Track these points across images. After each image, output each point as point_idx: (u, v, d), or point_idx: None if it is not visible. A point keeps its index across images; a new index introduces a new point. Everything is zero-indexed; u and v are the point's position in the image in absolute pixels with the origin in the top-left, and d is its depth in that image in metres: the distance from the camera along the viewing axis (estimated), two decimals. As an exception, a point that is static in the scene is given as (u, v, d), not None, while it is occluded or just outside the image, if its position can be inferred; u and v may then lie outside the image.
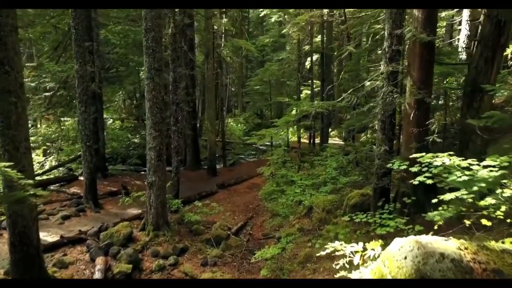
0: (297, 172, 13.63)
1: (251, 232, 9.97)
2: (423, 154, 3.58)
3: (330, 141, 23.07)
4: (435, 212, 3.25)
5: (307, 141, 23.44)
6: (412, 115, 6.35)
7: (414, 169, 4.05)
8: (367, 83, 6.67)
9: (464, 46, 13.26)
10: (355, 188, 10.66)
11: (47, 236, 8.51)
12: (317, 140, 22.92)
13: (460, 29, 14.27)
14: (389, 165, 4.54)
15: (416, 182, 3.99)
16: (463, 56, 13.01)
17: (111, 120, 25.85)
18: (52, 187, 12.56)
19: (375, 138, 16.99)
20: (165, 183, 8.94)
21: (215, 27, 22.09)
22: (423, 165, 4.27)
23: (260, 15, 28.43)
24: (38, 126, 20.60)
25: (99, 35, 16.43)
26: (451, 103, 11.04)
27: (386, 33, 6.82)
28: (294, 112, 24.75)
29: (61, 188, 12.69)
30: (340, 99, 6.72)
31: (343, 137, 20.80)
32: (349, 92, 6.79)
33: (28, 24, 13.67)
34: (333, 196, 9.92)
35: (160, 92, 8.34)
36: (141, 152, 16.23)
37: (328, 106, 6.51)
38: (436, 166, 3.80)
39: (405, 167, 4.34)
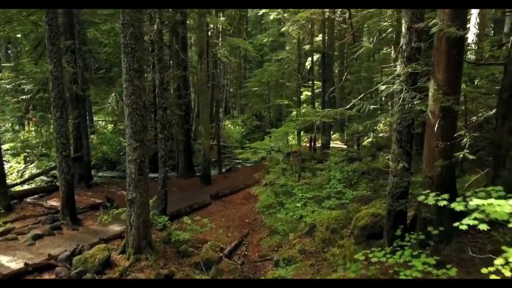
0: (297, 181, 12.58)
1: (246, 252, 8.90)
2: (491, 202, 2.49)
3: (332, 144, 22.04)
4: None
5: (307, 144, 22.41)
6: (436, 125, 5.27)
7: (459, 207, 2.98)
8: (382, 87, 5.60)
9: (473, 45, 12.32)
10: (361, 202, 9.62)
11: (11, 262, 7.44)
12: (318, 143, 21.92)
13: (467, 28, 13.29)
14: (421, 198, 3.46)
15: (464, 227, 2.91)
16: (473, 56, 12.03)
17: (103, 122, 24.81)
18: (29, 199, 11.44)
19: (380, 141, 15.86)
20: (147, 200, 7.87)
21: (211, 25, 21.05)
22: (467, 198, 3.22)
23: (259, 14, 27.42)
24: (26, 129, 19.54)
25: (84, 33, 15.37)
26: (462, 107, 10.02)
27: (403, 27, 5.78)
28: (294, 114, 23.66)
29: (39, 200, 11.57)
30: (349, 106, 5.66)
31: (346, 141, 19.77)
32: (359, 97, 5.71)
33: (7, 22, 12.57)
34: (338, 212, 8.86)
35: (141, 97, 7.26)
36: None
37: (336, 114, 5.45)
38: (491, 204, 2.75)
39: (445, 203, 3.25)
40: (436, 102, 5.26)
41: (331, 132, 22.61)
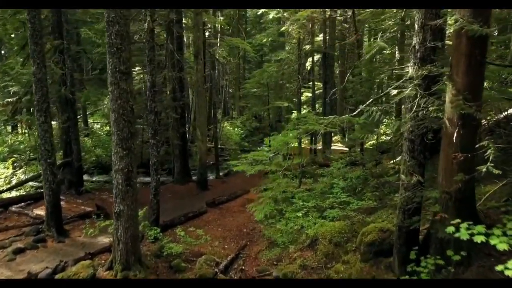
0: (298, 187, 12.01)
1: (243, 267, 8.29)
2: None
3: (333, 146, 21.47)
4: None
5: (307, 146, 21.84)
6: (455, 135, 4.70)
7: (502, 246, 2.40)
8: (394, 92, 5.03)
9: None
10: (366, 213, 9.03)
11: (-13, 281, 6.83)
12: (319, 145, 21.34)
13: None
14: (450, 230, 2.88)
15: (509, 273, 2.33)
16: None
17: (99, 124, 24.25)
18: (14, 208, 10.83)
19: (383, 144, 15.25)
20: (136, 212, 7.28)
21: (209, 25, 20.47)
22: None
23: (258, 13, 26.85)
24: (20, 132, 18.91)
25: (77, 33, 14.81)
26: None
27: (416, 25, 5.20)
28: (294, 116, 23.08)
29: (25, 208, 10.96)
30: (356, 112, 5.08)
31: (348, 145, 19.16)
32: (368, 103, 5.13)
33: (-7, 20, 11.98)
34: (342, 224, 8.26)
35: (128, 101, 6.68)
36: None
37: (342, 122, 4.86)
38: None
39: (482, 239, 2.67)
40: (455, 108, 4.68)
41: (332, 134, 22.05)
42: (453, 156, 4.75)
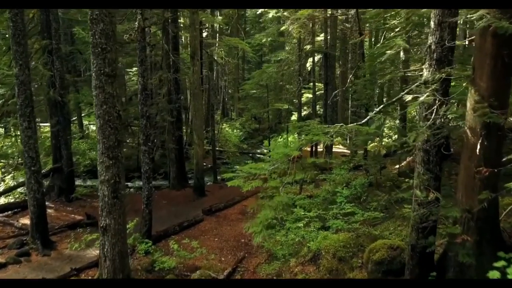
0: (299, 193, 11.47)
1: (241, 283, 7.75)
2: None
3: (334, 149, 20.94)
4: None
5: (308, 149, 21.32)
6: (478, 146, 4.15)
7: None
8: (408, 97, 4.48)
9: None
10: (372, 224, 8.49)
11: (-39, 302, 6.27)
12: (320, 147, 20.79)
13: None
14: (493, 275, 2.34)
15: None
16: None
17: (95, 126, 23.65)
18: (-1, 217, 10.29)
19: (386, 146, 14.69)
20: (124, 227, 6.73)
21: (207, 24, 19.93)
22: None
23: (257, 12, 26.34)
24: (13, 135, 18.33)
25: (71, 32, 14.27)
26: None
27: (432, 22, 4.66)
28: (294, 118, 22.45)
29: (11, 217, 10.40)
30: (365, 120, 4.53)
31: (350, 149, 18.61)
32: (378, 109, 4.58)
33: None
34: (346, 236, 7.71)
35: (114, 106, 6.13)
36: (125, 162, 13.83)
37: (349, 131, 4.32)
38: None
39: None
40: (478, 116, 4.14)
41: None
42: (476, 171, 4.20)
